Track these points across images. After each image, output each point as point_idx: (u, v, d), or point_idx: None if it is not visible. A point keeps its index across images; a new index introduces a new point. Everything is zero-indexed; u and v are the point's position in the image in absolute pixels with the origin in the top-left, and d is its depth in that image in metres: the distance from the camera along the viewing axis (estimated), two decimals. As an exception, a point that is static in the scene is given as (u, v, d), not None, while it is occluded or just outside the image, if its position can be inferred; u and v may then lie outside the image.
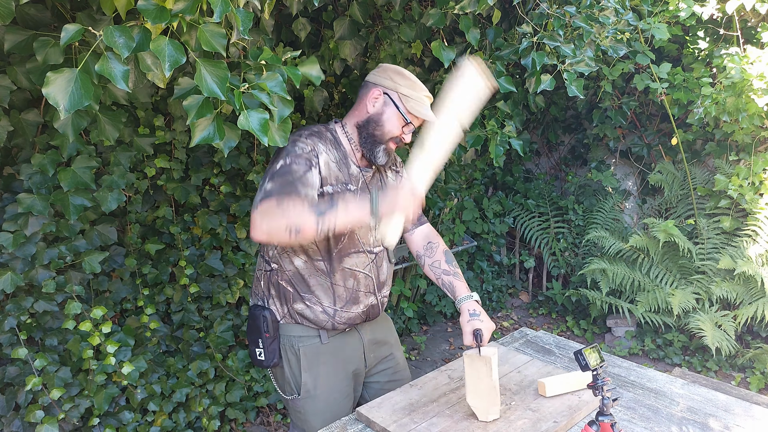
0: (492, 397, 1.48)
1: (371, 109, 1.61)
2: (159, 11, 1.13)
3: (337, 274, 1.61)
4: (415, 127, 1.65)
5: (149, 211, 2.57)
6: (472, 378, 1.50)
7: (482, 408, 1.49)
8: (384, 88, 1.61)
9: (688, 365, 3.68)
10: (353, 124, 1.65)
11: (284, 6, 1.99)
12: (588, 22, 2.21)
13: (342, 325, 1.65)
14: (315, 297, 1.61)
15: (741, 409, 1.64)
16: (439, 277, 1.77)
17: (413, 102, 1.60)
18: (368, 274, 1.67)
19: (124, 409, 2.40)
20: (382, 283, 1.73)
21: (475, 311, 1.63)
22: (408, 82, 1.61)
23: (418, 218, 1.86)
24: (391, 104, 1.60)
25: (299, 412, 1.70)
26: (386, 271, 1.75)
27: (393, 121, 1.60)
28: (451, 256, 1.81)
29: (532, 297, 4.86)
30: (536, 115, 4.85)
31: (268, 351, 1.64)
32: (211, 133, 1.33)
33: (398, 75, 1.61)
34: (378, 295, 1.71)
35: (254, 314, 1.66)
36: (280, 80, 1.36)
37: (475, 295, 1.69)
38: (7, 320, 2.07)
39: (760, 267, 3.42)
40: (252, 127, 1.30)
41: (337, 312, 1.62)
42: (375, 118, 1.61)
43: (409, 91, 1.60)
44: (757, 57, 3.25)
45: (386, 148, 1.63)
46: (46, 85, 1.12)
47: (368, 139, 1.61)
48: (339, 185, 1.56)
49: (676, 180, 4.13)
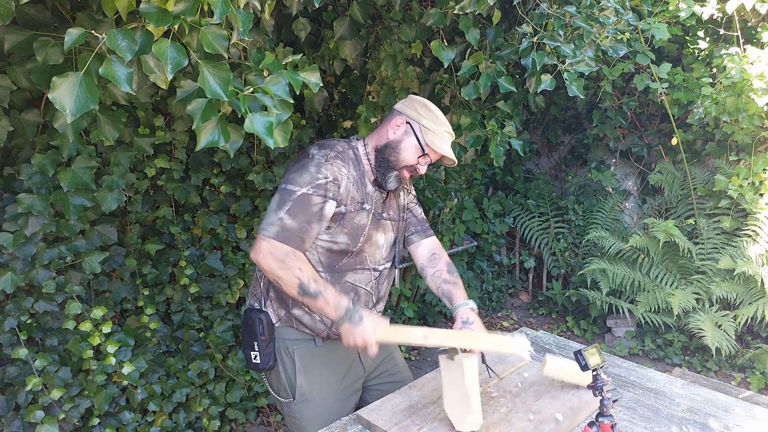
0: (466, 405, 1.40)
1: (391, 136, 1.63)
2: (161, 14, 1.13)
3: (338, 287, 1.61)
4: (432, 160, 1.66)
5: (149, 211, 2.57)
6: (446, 383, 1.46)
7: (457, 416, 1.42)
8: (407, 117, 1.63)
9: (688, 365, 3.68)
10: (373, 146, 1.67)
11: (284, 6, 1.99)
12: (588, 22, 2.21)
13: (337, 336, 1.65)
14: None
15: (741, 409, 1.64)
16: (439, 286, 1.78)
17: (433, 135, 1.61)
18: (369, 290, 1.68)
19: (124, 409, 2.40)
20: (380, 299, 1.74)
21: (468, 320, 1.63)
22: (431, 115, 1.62)
23: (424, 230, 1.87)
24: (411, 134, 1.62)
25: (294, 417, 1.69)
26: (385, 288, 1.76)
27: (410, 150, 1.62)
28: (453, 267, 1.81)
29: (532, 297, 4.86)
30: (536, 115, 4.85)
31: (263, 354, 1.64)
32: (217, 137, 1.35)
33: (423, 107, 1.63)
34: (375, 308, 1.72)
35: (250, 317, 1.66)
36: (283, 84, 1.37)
37: (471, 303, 1.68)
38: (7, 320, 2.07)
39: (760, 267, 3.42)
40: (258, 130, 1.30)
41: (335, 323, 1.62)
42: (393, 144, 1.62)
43: (431, 124, 1.62)
44: (757, 57, 3.25)
45: (398, 175, 1.64)
46: (52, 90, 1.12)
47: (383, 163, 1.63)
48: (353, 205, 1.58)
49: (676, 180, 4.13)
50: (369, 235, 1.63)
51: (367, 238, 1.63)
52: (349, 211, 1.57)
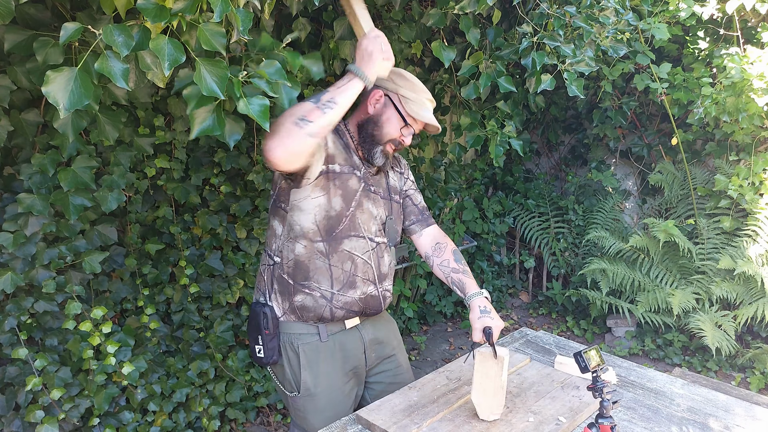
0: (498, 398, 1.48)
1: (371, 110, 1.63)
2: (159, 10, 1.13)
3: (335, 256, 1.60)
4: (416, 131, 1.65)
5: (149, 211, 2.57)
6: (480, 376, 1.50)
7: (486, 406, 1.49)
8: (385, 90, 1.62)
9: (688, 365, 3.68)
10: (355, 123, 1.68)
11: (284, 6, 1.99)
12: (588, 22, 2.21)
13: (340, 311, 1.64)
14: (314, 282, 1.61)
15: (741, 409, 1.64)
16: (448, 275, 1.77)
17: (413, 104, 1.60)
18: (367, 260, 1.66)
19: (124, 409, 2.40)
20: (384, 275, 1.72)
21: (486, 308, 1.62)
22: (409, 84, 1.61)
23: (425, 219, 1.87)
24: (390, 106, 1.61)
25: (299, 410, 1.70)
26: (387, 263, 1.74)
27: (392, 122, 1.61)
28: (460, 255, 1.81)
29: (532, 297, 4.86)
30: (536, 115, 4.85)
31: (267, 348, 1.65)
32: (211, 124, 1.32)
33: (399, 77, 1.62)
34: (378, 286, 1.70)
35: (255, 311, 1.67)
36: (278, 66, 1.34)
37: (484, 292, 1.68)
38: (7, 320, 2.07)
39: (760, 267, 3.42)
40: (252, 112, 1.28)
41: (334, 295, 1.62)
42: (375, 118, 1.63)
43: (410, 93, 1.60)
44: (757, 57, 3.25)
45: (384, 150, 1.64)
46: (45, 84, 1.12)
47: (367, 139, 1.63)
48: (346, 167, 1.59)
49: (676, 180, 4.13)
50: (360, 200, 1.63)
51: (358, 204, 1.62)
52: (342, 172, 1.58)
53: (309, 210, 1.56)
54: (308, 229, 1.58)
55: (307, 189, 1.55)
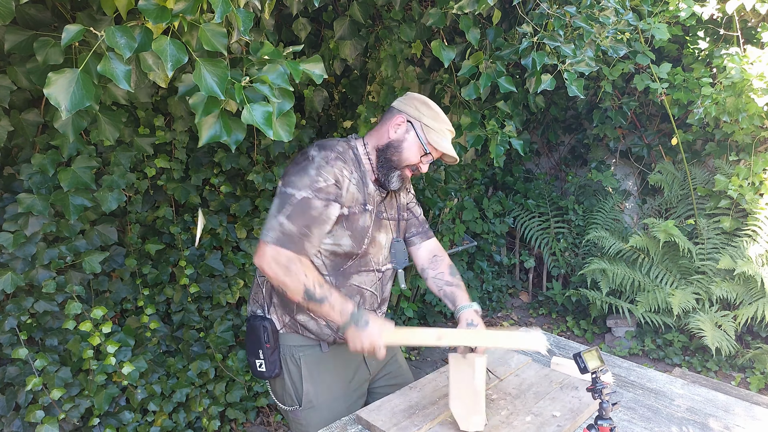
0: (474, 405, 1.42)
1: (393, 135, 1.61)
2: (160, 11, 1.13)
3: (344, 290, 1.59)
4: (434, 158, 1.65)
5: (149, 211, 2.57)
6: (455, 381, 1.46)
7: (463, 415, 1.43)
8: (408, 116, 1.61)
9: (688, 365, 3.68)
10: (374, 146, 1.64)
11: (284, 6, 1.99)
12: (588, 22, 2.21)
13: (343, 340, 1.62)
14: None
15: (741, 409, 1.64)
16: (441, 288, 1.77)
17: (435, 134, 1.60)
18: (374, 292, 1.66)
19: (124, 409, 2.40)
20: (384, 300, 1.72)
21: (473, 322, 1.61)
22: (432, 113, 1.61)
23: (425, 232, 1.86)
24: (412, 132, 1.60)
25: (300, 424, 1.67)
26: (388, 289, 1.74)
27: (413, 149, 1.60)
28: (455, 269, 1.80)
29: (532, 297, 4.86)
30: (536, 115, 4.85)
31: (268, 362, 1.62)
32: (219, 131, 1.33)
33: (423, 105, 1.61)
34: (378, 311, 1.70)
35: (253, 325, 1.63)
36: (281, 71, 1.34)
37: (474, 305, 1.66)
38: (7, 320, 2.07)
39: (760, 267, 3.42)
40: (256, 120, 1.28)
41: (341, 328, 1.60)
42: (395, 144, 1.60)
43: (432, 122, 1.60)
44: (757, 57, 3.25)
45: (401, 175, 1.62)
46: (47, 86, 1.12)
47: (385, 163, 1.61)
48: (357, 206, 1.56)
49: (676, 180, 4.13)
50: (372, 236, 1.61)
51: (371, 240, 1.61)
52: (352, 213, 1.55)
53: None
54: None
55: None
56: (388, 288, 1.73)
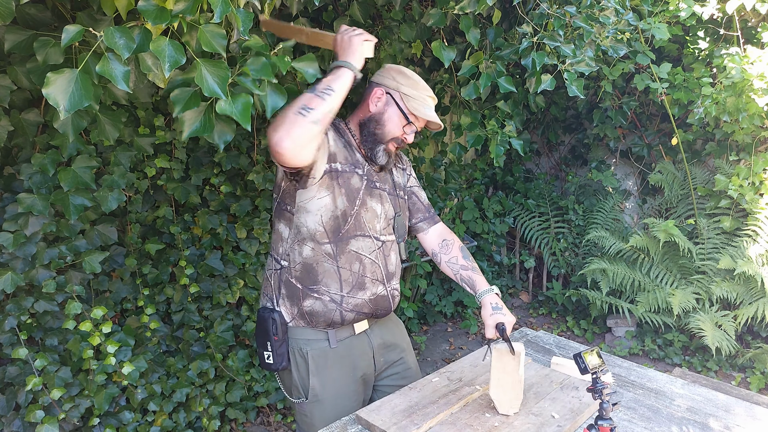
0: (516, 392, 1.52)
1: (373, 108, 1.62)
2: (159, 12, 1.13)
3: (343, 257, 1.60)
4: (418, 128, 1.65)
5: (149, 211, 2.57)
6: (497, 371, 1.53)
7: (505, 401, 1.52)
8: (386, 88, 1.62)
9: (688, 365, 3.68)
10: (356, 122, 1.67)
11: (284, 6, 1.99)
12: (588, 22, 2.21)
13: (350, 314, 1.63)
14: (323, 286, 1.60)
15: (741, 409, 1.64)
16: (457, 272, 1.78)
17: (415, 102, 1.60)
18: (374, 260, 1.66)
19: (124, 409, 2.40)
20: (391, 274, 1.72)
21: (497, 305, 1.63)
22: (410, 81, 1.61)
23: (431, 217, 1.87)
24: (392, 104, 1.61)
25: (306, 416, 1.68)
26: (395, 262, 1.74)
27: (394, 120, 1.61)
28: (467, 252, 1.82)
29: (533, 297, 4.86)
30: (536, 115, 4.85)
31: (276, 354, 1.63)
32: (200, 126, 1.32)
33: (400, 74, 1.62)
34: (387, 285, 1.69)
35: (263, 317, 1.65)
36: (265, 62, 1.33)
37: (495, 288, 1.69)
38: (7, 320, 2.07)
39: (760, 267, 3.42)
40: (233, 111, 1.27)
41: (344, 298, 1.61)
42: (377, 117, 1.62)
43: (411, 90, 1.60)
44: (757, 57, 3.25)
45: (386, 149, 1.63)
46: (46, 86, 1.12)
47: (369, 137, 1.62)
48: (347, 165, 1.58)
49: (676, 180, 4.13)
50: (363, 199, 1.62)
51: (362, 203, 1.62)
52: (344, 171, 1.57)
53: (315, 211, 1.56)
54: (315, 230, 1.57)
55: (312, 189, 1.54)
56: (392, 261, 1.72)
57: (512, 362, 1.51)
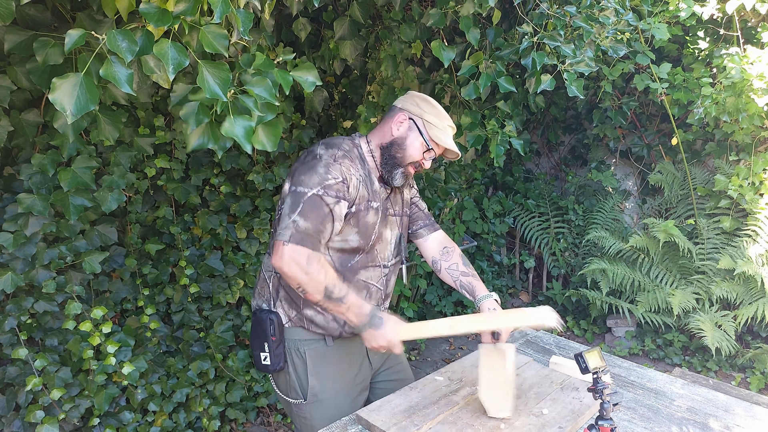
0: (505, 393, 1.48)
1: (395, 132, 1.64)
2: (161, 14, 1.13)
3: (351, 285, 1.60)
4: (436, 155, 1.67)
5: (149, 211, 2.57)
6: (485, 371, 1.50)
7: (494, 403, 1.49)
8: (409, 113, 1.64)
9: (688, 365, 3.68)
10: (377, 144, 1.67)
11: (284, 6, 1.99)
12: (588, 22, 2.21)
13: (349, 334, 1.65)
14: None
15: (741, 409, 1.64)
16: (457, 279, 1.79)
17: (437, 130, 1.62)
18: (379, 287, 1.68)
19: (124, 409, 2.40)
20: (387, 295, 1.75)
21: (495, 310, 1.65)
22: (433, 110, 1.64)
23: (431, 224, 1.88)
24: (415, 129, 1.63)
25: (305, 418, 1.67)
26: (392, 284, 1.77)
27: (415, 146, 1.63)
28: (466, 259, 1.83)
29: (532, 297, 4.86)
30: (536, 115, 4.85)
31: (273, 355, 1.63)
32: (205, 141, 1.35)
33: (424, 102, 1.64)
34: (381, 306, 1.72)
35: (260, 318, 1.64)
36: (269, 85, 1.34)
37: (494, 295, 1.70)
38: (7, 320, 2.07)
39: (760, 267, 3.42)
40: (236, 134, 1.29)
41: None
42: (398, 141, 1.63)
43: (434, 118, 1.62)
44: (757, 57, 3.25)
45: (404, 172, 1.65)
46: (52, 91, 1.12)
47: (389, 160, 1.64)
48: (363, 203, 1.58)
49: (676, 180, 4.13)
50: (379, 232, 1.64)
51: (378, 236, 1.63)
52: (359, 210, 1.57)
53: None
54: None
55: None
56: (392, 283, 1.75)
57: (500, 360, 1.48)
